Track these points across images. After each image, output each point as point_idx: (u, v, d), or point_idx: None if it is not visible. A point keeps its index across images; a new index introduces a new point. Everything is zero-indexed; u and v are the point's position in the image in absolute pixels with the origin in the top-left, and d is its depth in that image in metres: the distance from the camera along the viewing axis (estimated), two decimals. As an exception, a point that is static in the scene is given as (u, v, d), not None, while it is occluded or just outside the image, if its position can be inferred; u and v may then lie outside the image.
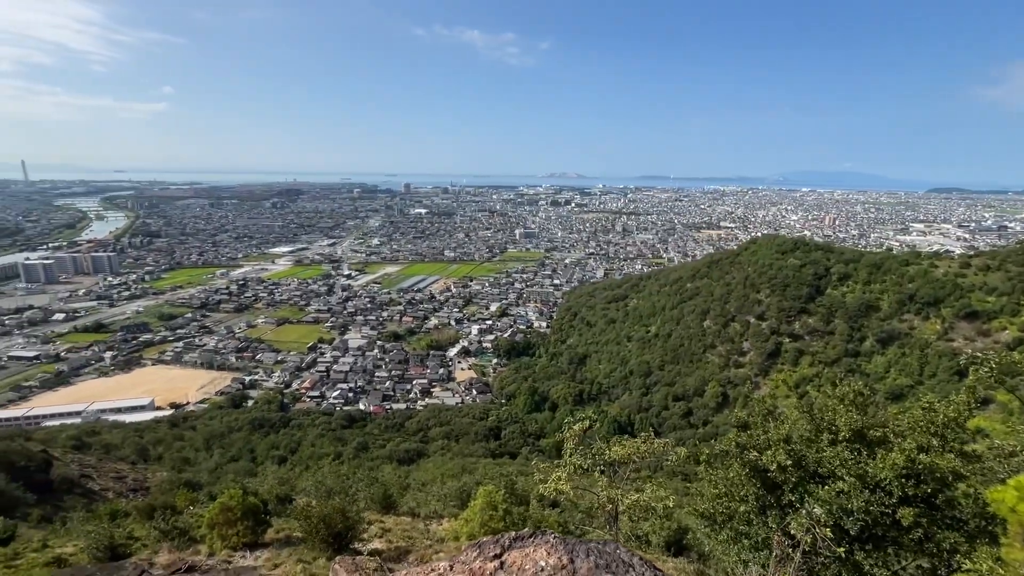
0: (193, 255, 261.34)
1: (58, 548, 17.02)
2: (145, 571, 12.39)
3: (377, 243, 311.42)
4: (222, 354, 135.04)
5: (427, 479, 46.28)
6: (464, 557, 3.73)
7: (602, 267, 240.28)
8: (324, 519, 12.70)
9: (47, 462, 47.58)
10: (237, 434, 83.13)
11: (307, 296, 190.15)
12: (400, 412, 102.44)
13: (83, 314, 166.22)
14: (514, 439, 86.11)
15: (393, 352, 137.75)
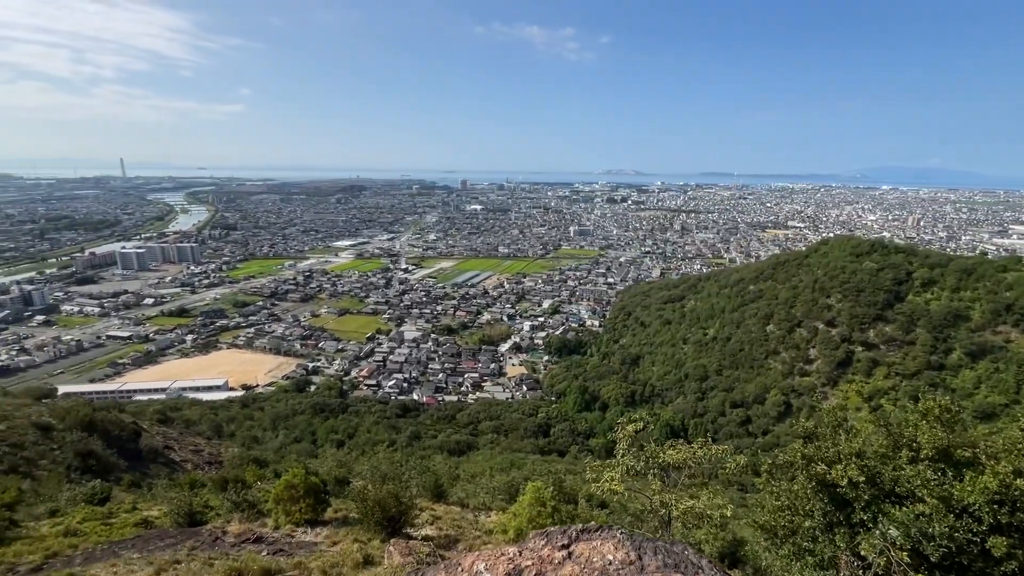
0: (265, 247, 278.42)
1: (145, 511, 18.71)
2: (219, 538, 13.37)
3: (433, 238, 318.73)
4: (288, 341, 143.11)
5: (476, 471, 46.99)
6: (532, 544, 3.77)
7: (658, 266, 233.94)
8: (379, 503, 13.19)
9: (137, 433, 52.33)
10: (300, 417, 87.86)
11: (367, 288, 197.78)
12: (451, 404, 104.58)
13: (169, 299, 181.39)
14: (563, 437, 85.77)
15: (446, 345, 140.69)
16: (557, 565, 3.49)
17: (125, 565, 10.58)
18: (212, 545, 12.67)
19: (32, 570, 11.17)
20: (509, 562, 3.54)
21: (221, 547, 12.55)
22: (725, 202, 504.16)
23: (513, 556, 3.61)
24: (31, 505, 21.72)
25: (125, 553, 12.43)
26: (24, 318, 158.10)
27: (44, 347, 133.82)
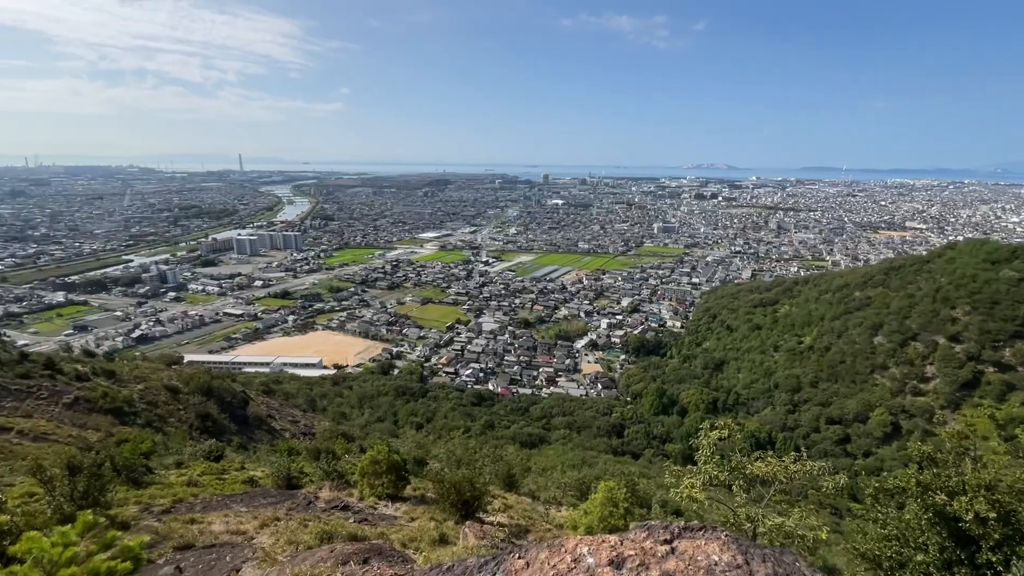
0: (358, 237, 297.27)
1: (251, 471, 20.85)
2: (312, 502, 14.59)
3: (514, 232, 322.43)
4: (375, 326, 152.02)
5: (547, 465, 47.16)
6: (633, 536, 3.74)
7: (749, 267, 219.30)
8: (455, 486, 13.67)
9: (245, 401, 58.28)
10: (383, 398, 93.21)
11: (448, 279, 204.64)
12: (525, 397, 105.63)
13: (274, 283, 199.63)
14: (637, 439, 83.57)
15: (523, 338, 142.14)
16: (660, 559, 3.42)
17: (235, 516, 11.87)
18: (306, 508, 13.84)
19: (163, 511, 12.88)
20: (611, 549, 3.52)
21: (313, 510, 13.67)
22: (830, 199, 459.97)
23: (615, 544, 3.59)
24: (162, 456, 25.01)
25: (235, 506, 13.96)
26: (160, 294, 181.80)
27: (174, 320, 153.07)
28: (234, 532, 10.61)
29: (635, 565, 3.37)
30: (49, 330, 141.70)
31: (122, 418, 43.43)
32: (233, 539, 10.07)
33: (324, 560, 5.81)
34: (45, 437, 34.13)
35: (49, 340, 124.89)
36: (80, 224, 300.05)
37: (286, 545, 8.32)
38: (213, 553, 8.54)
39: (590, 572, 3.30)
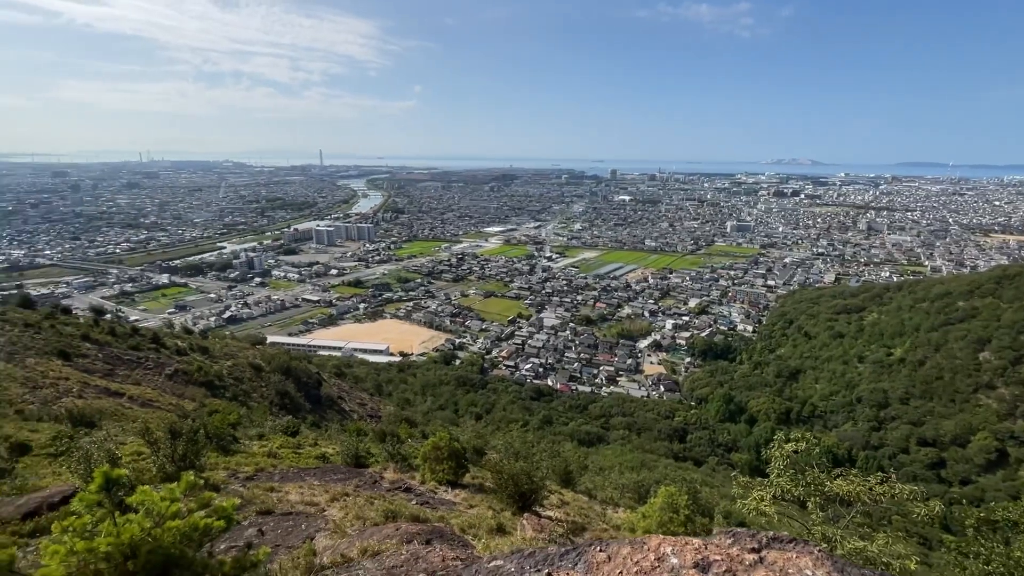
0: (426, 230, 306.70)
1: (323, 448, 22.22)
2: (377, 481, 15.34)
3: (579, 228, 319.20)
4: (440, 317, 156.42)
5: (605, 465, 46.57)
6: (718, 541, 3.65)
7: (832, 271, 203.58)
8: (513, 477, 13.84)
9: (319, 382, 62.03)
10: (445, 387, 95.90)
11: (512, 273, 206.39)
12: (585, 395, 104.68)
13: (348, 272, 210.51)
14: (700, 446, 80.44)
15: (584, 336, 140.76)
16: (748, 567, 3.30)
17: (309, 488, 12.73)
18: (372, 486, 14.57)
19: (247, 478, 14.06)
20: (696, 552, 3.44)
21: (379, 489, 14.36)
22: (932, 198, 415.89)
23: (699, 547, 3.50)
24: (246, 428, 27.20)
25: (308, 479, 14.96)
26: (247, 279, 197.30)
27: (259, 303, 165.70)
28: (308, 503, 11.38)
29: (721, 571, 3.25)
30: (155, 308, 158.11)
31: (213, 390, 47.69)
32: (307, 509, 10.81)
33: (390, 537, 6.12)
34: (150, 404, 38.18)
35: (155, 317, 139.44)
36: (183, 213, 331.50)
37: (354, 520, 8.83)
38: (290, 520, 9.23)
39: (675, 572, 3.22)
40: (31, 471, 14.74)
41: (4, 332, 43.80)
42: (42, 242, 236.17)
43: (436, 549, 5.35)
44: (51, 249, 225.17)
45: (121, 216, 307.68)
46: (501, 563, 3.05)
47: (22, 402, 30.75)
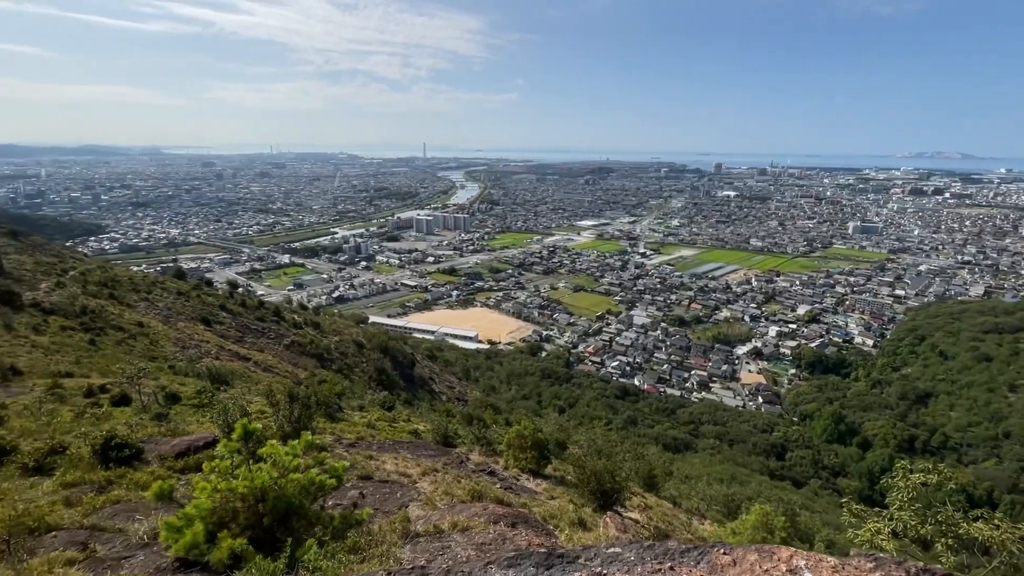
0: (519, 221, 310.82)
1: (415, 424, 23.62)
2: (463, 461, 16.02)
3: (676, 224, 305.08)
4: (528, 308, 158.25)
5: (691, 473, 44.60)
6: (856, 563, 3.36)
7: (981, 282, 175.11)
8: (596, 474, 13.75)
9: (413, 362, 65.72)
10: (530, 377, 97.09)
11: (602, 268, 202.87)
12: (673, 398, 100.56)
13: (444, 260, 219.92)
14: (801, 466, 73.86)
15: (676, 337, 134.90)
16: None
17: (402, 460, 13.64)
18: (459, 465, 15.26)
19: (349, 444, 15.39)
20: (832, 570, 3.24)
21: (465, 469, 15.01)
22: None
23: (837, 567, 3.29)
24: (348, 399, 29.63)
25: (402, 451, 16.02)
26: (355, 262, 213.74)
27: (364, 285, 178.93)
28: (401, 473, 12.22)
29: (864, 597, 2.99)
30: (277, 285, 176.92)
31: (322, 362, 52.46)
32: (400, 479, 11.60)
33: (478, 515, 6.42)
34: (271, 369, 42.95)
35: (277, 293, 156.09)
36: (303, 200, 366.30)
37: (443, 495, 9.34)
38: (386, 488, 10.00)
39: (809, 589, 3.02)
40: (180, 417, 17.34)
41: (163, 299, 51.48)
42: (192, 223, 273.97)
43: (522, 533, 5.52)
44: (199, 229, 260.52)
45: (254, 202, 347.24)
46: (619, 551, 3.04)
47: (174, 359, 36.08)
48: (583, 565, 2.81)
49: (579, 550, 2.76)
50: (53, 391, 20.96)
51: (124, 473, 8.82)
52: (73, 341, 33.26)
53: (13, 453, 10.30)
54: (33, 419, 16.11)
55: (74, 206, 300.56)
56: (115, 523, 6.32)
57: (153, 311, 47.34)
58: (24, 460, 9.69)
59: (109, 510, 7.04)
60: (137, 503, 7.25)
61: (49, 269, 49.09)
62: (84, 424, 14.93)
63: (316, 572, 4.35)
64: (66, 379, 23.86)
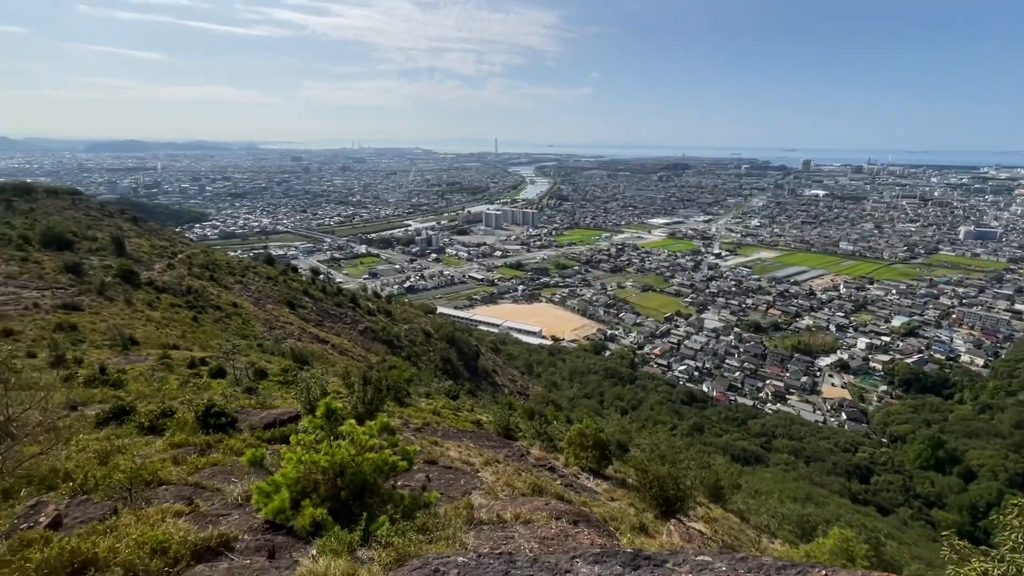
0: (588, 218, 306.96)
1: (478, 415, 24.15)
2: (524, 455, 16.19)
3: (756, 224, 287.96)
4: (594, 306, 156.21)
5: (762, 488, 42.24)
6: None
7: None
8: (659, 479, 13.39)
9: (477, 354, 67.01)
10: (593, 376, 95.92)
11: (673, 268, 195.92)
12: (744, 408, 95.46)
13: (511, 255, 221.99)
14: (889, 492, 67.57)
15: (750, 343, 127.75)
16: None
17: (465, 449, 14.03)
18: (519, 459, 15.44)
19: (416, 429, 16.04)
20: None
21: (525, 463, 15.16)
22: None
23: None
24: (416, 385, 30.81)
25: (465, 440, 16.45)
26: (425, 254, 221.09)
27: (433, 277, 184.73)
28: (464, 461, 12.56)
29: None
30: (354, 273, 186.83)
31: (392, 348, 54.84)
32: (464, 467, 11.94)
33: (540, 509, 6.50)
34: (345, 353, 45.50)
35: (353, 281, 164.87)
36: (380, 194, 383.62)
37: (504, 486, 9.52)
38: (450, 474, 10.34)
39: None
40: (267, 392, 18.87)
41: (255, 282, 55.99)
42: (282, 213, 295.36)
43: (584, 531, 5.52)
44: (287, 219, 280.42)
45: (335, 194, 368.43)
46: (709, 559, 2.96)
47: (262, 338, 39.19)
48: (671, 570, 2.75)
49: (666, 554, 2.69)
50: (163, 361, 23.56)
51: (221, 439, 9.77)
52: (179, 317, 37.09)
53: (132, 413, 11.72)
54: (147, 384, 18.21)
55: (183, 196, 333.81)
56: (214, 483, 7.05)
57: (246, 293, 51.70)
58: (141, 420, 11.00)
59: (209, 471, 7.85)
60: (232, 467, 8.02)
61: (162, 252, 54.96)
62: (187, 392, 16.64)
63: (388, 547, 4.62)
64: (173, 351, 26.71)
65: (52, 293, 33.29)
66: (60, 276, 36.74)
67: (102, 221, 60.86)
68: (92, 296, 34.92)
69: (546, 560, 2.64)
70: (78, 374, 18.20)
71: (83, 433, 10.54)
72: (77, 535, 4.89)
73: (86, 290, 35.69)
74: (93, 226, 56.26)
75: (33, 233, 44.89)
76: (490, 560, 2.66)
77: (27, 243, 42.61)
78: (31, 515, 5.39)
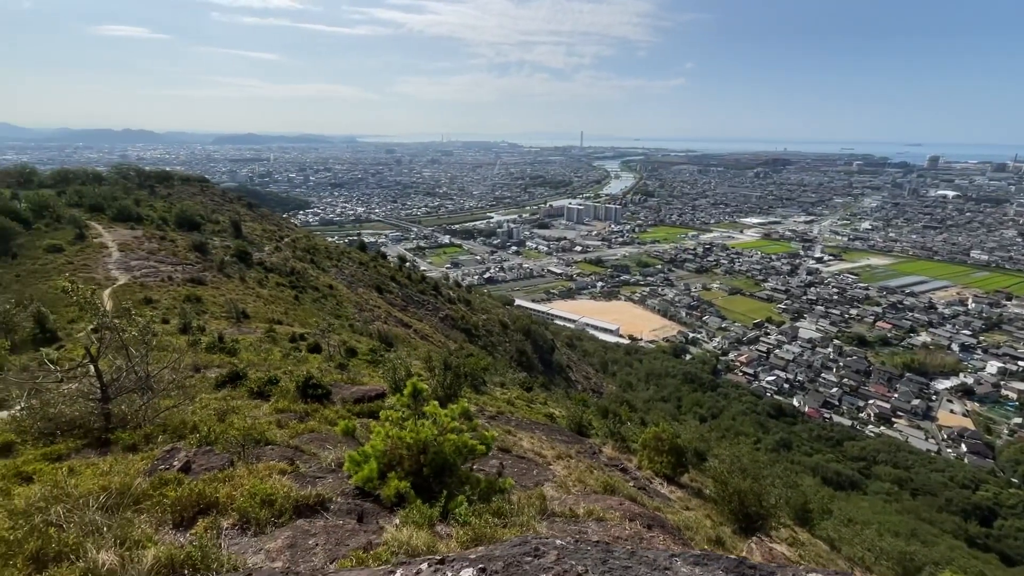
0: (674, 215, 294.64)
1: (551, 408, 24.26)
2: (596, 453, 16.04)
3: (867, 227, 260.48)
4: (675, 307, 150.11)
5: (857, 517, 38.77)
6: None
7: None
8: (740, 493, 12.71)
9: (552, 348, 67.13)
10: (670, 379, 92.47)
11: (766, 272, 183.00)
12: (841, 428, 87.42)
13: (591, 250, 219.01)
14: (1018, 541, 58.74)
15: (852, 358, 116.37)
16: None
17: (538, 440, 14.18)
18: (591, 456, 15.32)
19: (490, 417, 16.46)
20: None
21: (597, 461, 15.02)
22: None
23: None
24: (491, 374, 31.51)
25: (537, 432, 16.62)
26: (506, 246, 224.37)
27: (512, 269, 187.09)
28: (536, 453, 12.71)
29: None
30: (437, 262, 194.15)
31: (470, 337, 56.45)
32: (535, 458, 12.08)
33: (613, 509, 6.44)
34: (426, 338, 47.52)
35: (436, 269, 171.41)
36: (465, 186, 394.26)
37: (576, 481, 9.52)
38: (523, 464, 10.52)
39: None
40: (356, 369, 20.26)
41: (348, 267, 60.02)
42: (374, 202, 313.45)
43: (659, 536, 5.39)
44: (379, 208, 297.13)
45: (423, 186, 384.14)
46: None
47: (353, 319, 41.97)
48: (780, 585, 2.62)
49: (774, 567, 2.56)
50: (269, 334, 26.06)
51: (317, 408, 10.67)
52: (283, 295, 40.74)
53: (243, 379, 13.13)
54: (255, 354, 20.27)
55: (290, 185, 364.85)
56: (311, 447, 7.74)
57: (340, 276, 55.61)
58: (251, 386, 12.29)
59: (307, 436, 8.63)
60: (326, 435, 8.76)
61: (271, 235, 60.59)
62: (288, 363, 18.30)
63: (466, 526, 4.84)
64: (277, 325, 29.44)
65: (183, 268, 37.96)
66: (189, 254, 41.80)
67: (223, 206, 68.23)
68: (214, 272, 39.35)
69: (644, 554, 2.61)
70: (201, 341, 20.69)
71: (205, 393, 12.00)
72: (202, 480, 5.63)
73: (209, 267, 40.29)
74: (216, 210, 63.24)
75: (170, 215, 51.39)
76: (588, 547, 2.69)
77: (165, 224, 48.90)
78: (167, 458, 6.28)
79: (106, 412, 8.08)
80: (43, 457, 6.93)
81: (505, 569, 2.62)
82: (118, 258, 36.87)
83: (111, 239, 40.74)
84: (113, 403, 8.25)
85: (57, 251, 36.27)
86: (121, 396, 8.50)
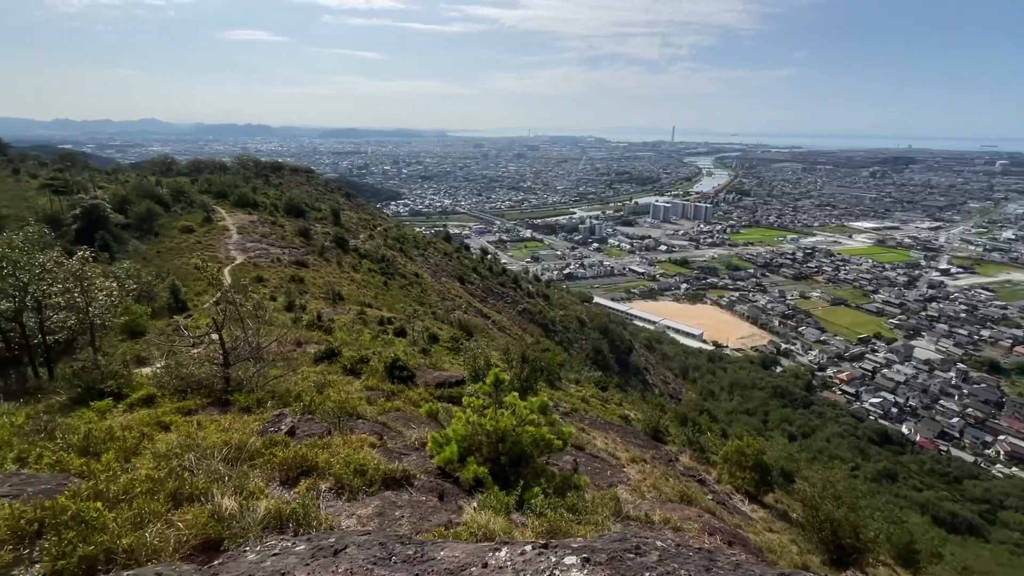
0: (771, 216, 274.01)
1: (626, 410, 23.75)
2: (672, 461, 15.51)
3: (1010, 236, 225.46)
4: (767, 315, 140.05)
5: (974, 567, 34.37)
6: None
7: None
8: (833, 522, 11.74)
9: (630, 349, 65.54)
10: (757, 392, 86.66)
11: (877, 282, 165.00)
12: (961, 463, 77.08)
13: (677, 250, 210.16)
14: None
15: (981, 386, 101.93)
16: None
17: (612, 441, 13.98)
18: (667, 463, 14.84)
19: (564, 413, 16.48)
20: None
21: (673, 468, 14.53)
22: None
23: None
24: (566, 371, 31.42)
25: (611, 433, 16.37)
26: (587, 243, 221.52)
27: (592, 266, 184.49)
28: (610, 453, 12.55)
29: None
30: (518, 256, 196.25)
31: (547, 331, 56.61)
32: (609, 459, 11.94)
33: (691, 520, 6.22)
34: (504, 330, 48.36)
35: (517, 263, 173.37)
36: (549, 181, 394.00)
37: (651, 487, 9.29)
38: (597, 462, 10.45)
39: None
40: (438, 355, 21.15)
41: (433, 256, 62.46)
42: (461, 195, 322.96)
43: (739, 553, 5.13)
44: (465, 201, 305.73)
45: (508, 180, 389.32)
46: None
47: (435, 306, 43.70)
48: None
49: None
50: (360, 316, 27.90)
51: (402, 389, 11.32)
52: (374, 280, 43.36)
53: (338, 356, 14.22)
54: (348, 334, 21.82)
55: (384, 177, 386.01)
56: (397, 425, 8.26)
57: (426, 265, 58.10)
58: (345, 363, 13.28)
59: (393, 414, 9.20)
60: (410, 415, 9.28)
61: (365, 224, 64.61)
62: (377, 345, 19.49)
63: (541, 517, 4.94)
64: (368, 308, 31.44)
65: (289, 251, 41.66)
66: (295, 238, 45.77)
67: (325, 195, 73.83)
68: (315, 256, 42.79)
69: (750, 568, 2.54)
70: (302, 318, 22.64)
71: (305, 366, 13.15)
72: (305, 444, 6.22)
73: (311, 251, 43.86)
74: (319, 199, 68.59)
75: (280, 203, 56.53)
76: (690, 552, 2.67)
77: (276, 210, 53.90)
78: (276, 422, 7.01)
79: (226, 376, 9.17)
80: (177, 411, 8.02)
81: (609, 562, 2.66)
82: (237, 240, 41.28)
83: (232, 222, 45.68)
84: (232, 368, 9.33)
85: (189, 232, 41.36)
86: (238, 363, 9.59)
